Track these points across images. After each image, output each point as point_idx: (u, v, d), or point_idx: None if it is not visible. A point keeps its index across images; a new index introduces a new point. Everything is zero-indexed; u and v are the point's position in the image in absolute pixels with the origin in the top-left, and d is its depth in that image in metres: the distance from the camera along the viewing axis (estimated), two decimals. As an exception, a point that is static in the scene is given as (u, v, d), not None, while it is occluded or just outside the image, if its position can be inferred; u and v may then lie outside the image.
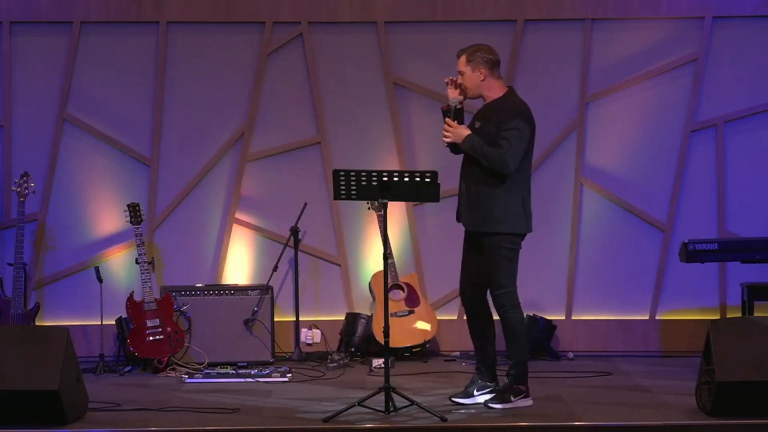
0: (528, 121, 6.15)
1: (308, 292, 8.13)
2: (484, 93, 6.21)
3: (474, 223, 6.19)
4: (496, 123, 6.10)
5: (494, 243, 6.14)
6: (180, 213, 8.11)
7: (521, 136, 6.08)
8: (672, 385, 6.81)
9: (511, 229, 6.15)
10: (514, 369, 6.20)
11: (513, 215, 6.13)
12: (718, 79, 8.04)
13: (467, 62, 6.18)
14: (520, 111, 6.15)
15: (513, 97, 6.22)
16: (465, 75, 6.19)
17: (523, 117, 6.13)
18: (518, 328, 6.19)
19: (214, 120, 8.11)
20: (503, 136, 6.05)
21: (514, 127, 6.06)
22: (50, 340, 5.83)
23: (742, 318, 7.12)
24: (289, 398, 6.54)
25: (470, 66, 6.17)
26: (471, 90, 6.20)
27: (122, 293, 7.72)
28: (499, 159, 6.03)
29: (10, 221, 7.86)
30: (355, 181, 6.00)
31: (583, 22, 8.05)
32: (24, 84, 8.01)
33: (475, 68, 6.17)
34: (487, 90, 6.19)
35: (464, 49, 6.24)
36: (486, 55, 6.18)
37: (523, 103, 6.23)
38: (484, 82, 6.18)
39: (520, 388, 6.20)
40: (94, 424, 5.86)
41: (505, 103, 6.17)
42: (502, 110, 6.13)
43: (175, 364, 7.48)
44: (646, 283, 8.07)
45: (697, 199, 8.07)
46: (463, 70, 6.20)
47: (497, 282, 6.17)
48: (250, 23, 8.09)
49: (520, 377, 6.20)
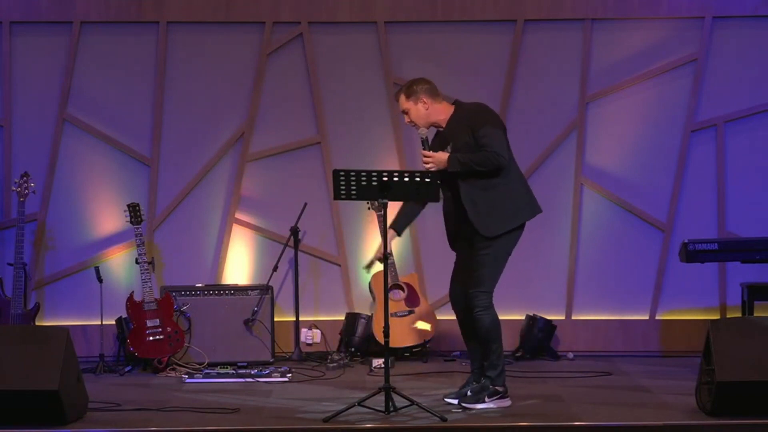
0: (492, 113, 6.23)
1: (308, 292, 8.13)
2: (435, 119, 6.24)
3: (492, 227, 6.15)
4: (468, 128, 6.13)
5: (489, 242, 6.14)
6: (180, 213, 8.11)
7: (497, 129, 6.13)
8: (672, 385, 6.81)
9: (528, 217, 6.22)
10: (491, 371, 6.20)
11: (526, 203, 6.21)
12: (718, 79, 8.04)
13: (407, 99, 6.22)
14: (480, 110, 6.22)
15: (465, 105, 6.28)
16: (410, 112, 6.22)
17: (486, 113, 6.19)
18: (492, 330, 6.18)
19: (214, 120, 8.12)
20: (481, 135, 6.09)
21: (485, 123, 6.11)
22: (50, 340, 5.82)
23: (742, 318, 7.12)
24: (289, 398, 6.54)
25: (411, 101, 6.21)
26: (420, 122, 6.22)
27: (122, 293, 7.72)
28: (491, 157, 6.05)
29: (10, 221, 7.87)
30: (355, 181, 5.99)
31: (583, 22, 8.05)
32: (24, 84, 8.01)
33: (417, 101, 6.20)
34: (436, 116, 6.23)
35: (399, 89, 6.29)
36: (423, 85, 6.23)
37: (478, 103, 6.30)
38: (430, 111, 6.21)
39: (497, 389, 6.20)
40: (94, 424, 5.86)
41: (464, 110, 6.22)
42: (467, 116, 6.17)
43: (175, 364, 7.48)
44: (646, 283, 8.07)
45: (697, 199, 8.07)
46: (406, 107, 6.23)
47: (478, 280, 6.17)
48: (250, 23, 8.09)
49: (496, 379, 6.20)
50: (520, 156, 7.99)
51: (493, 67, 8.08)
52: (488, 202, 6.12)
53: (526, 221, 6.25)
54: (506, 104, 8.08)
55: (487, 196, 6.12)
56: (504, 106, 8.06)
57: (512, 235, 6.20)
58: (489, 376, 6.20)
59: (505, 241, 6.17)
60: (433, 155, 6.13)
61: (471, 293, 6.19)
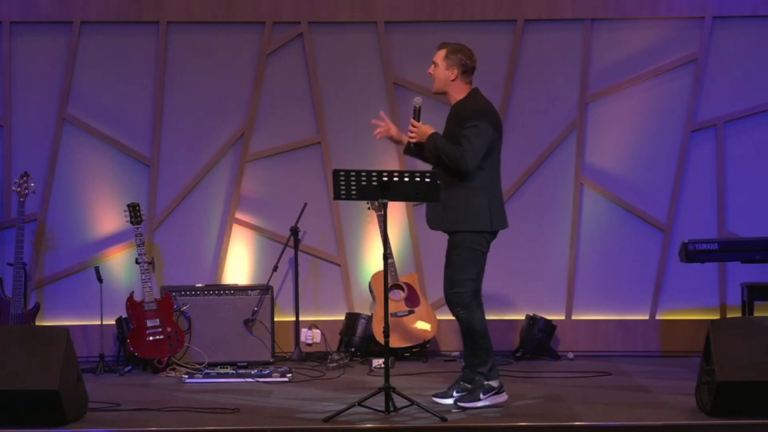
0: (489, 119, 6.16)
1: (308, 292, 8.14)
2: (450, 92, 6.26)
3: (443, 223, 6.20)
4: (458, 122, 6.15)
5: (455, 242, 6.17)
6: (180, 213, 8.11)
7: (480, 133, 6.09)
8: (672, 385, 6.81)
9: (472, 227, 6.14)
10: (482, 367, 6.21)
11: (475, 214, 6.13)
12: (718, 79, 8.04)
13: (445, 58, 6.24)
14: (480, 109, 6.18)
15: (476, 97, 6.26)
16: (438, 68, 6.25)
17: (483, 115, 6.15)
18: (474, 328, 6.19)
19: (214, 120, 8.12)
20: (463, 134, 6.10)
21: (473, 125, 6.09)
22: (50, 340, 5.82)
23: (742, 318, 7.12)
24: (289, 398, 6.54)
25: (446, 62, 6.23)
26: (438, 84, 6.26)
27: (122, 293, 7.72)
28: (458, 156, 6.06)
29: (10, 221, 7.87)
30: (355, 181, 5.99)
31: (583, 22, 8.05)
32: (24, 84, 8.02)
33: (449, 67, 6.22)
34: (453, 90, 6.25)
35: (446, 44, 6.30)
36: (464, 59, 6.23)
37: (487, 101, 6.27)
38: (453, 83, 6.24)
39: (492, 385, 6.20)
40: (94, 424, 5.86)
41: (467, 103, 6.22)
42: (463, 109, 6.18)
43: (175, 364, 7.48)
44: (646, 283, 8.07)
45: (697, 199, 8.07)
46: (438, 62, 6.25)
47: (452, 281, 6.19)
48: (250, 23, 8.09)
49: (489, 374, 6.21)
50: (520, 156, 8.06)
51: (493, 67, 8.08)
52: (447, 197, 6.11)
53: (467, 230, 6.15)
54: (506, 104, 8.08)
55: (448, 192, 6.11)
56: (504, 106, 8.07)
57: (475, 238, 6.15)
58: (481, 373, 6.21)
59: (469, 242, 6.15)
60: (419, 126, 6.17)
61: (445, 294, 6.24)
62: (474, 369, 6.24)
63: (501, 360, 7.77)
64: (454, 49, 6.23)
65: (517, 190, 8.10)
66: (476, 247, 6.16)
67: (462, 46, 6.27)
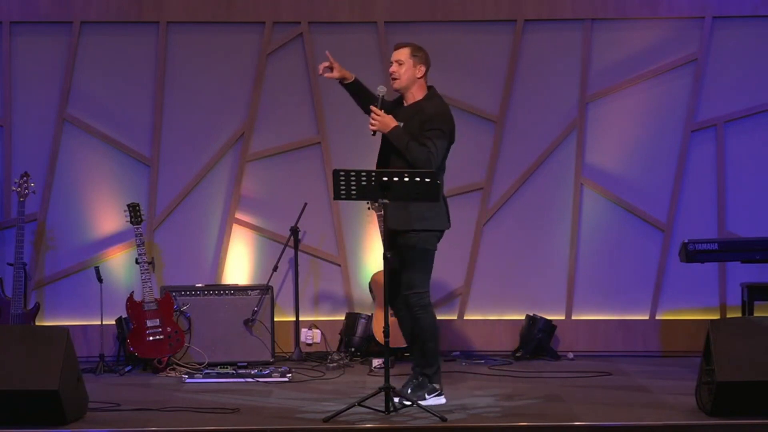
0: (450, 124, 6.26)
1: (308, 292, 8.14)
2: (412, 90, 6.30)
3: (401, 222, 6.20)
4: (420, 122, 6.18)
5: (413, 241, 6.19)
6: (180, 213, 8.11)
7: (444, 136, 6.19)
8: (672, 385, 6.81)
9: (432, 226, 6.20)
10: (428, 368, 6.22)
11: (435, 213, 6.18)
12: (718, 79, 8.04)
13: (411, 56, 6.27)
14: (445, 113, 6.26)
15: (438, 98, 6.32)
16: (404, 66, 6.27)
17: (447, 119, 6.24)
18: (429, 329, 6.23)
19: (214, 120, 8.12)
20: (427, 135, 6.14)
21: (438, 128, 6.16)
22: (50, 340, 5.82)
23: (742, 318, 7.12)
24: (289, 398, 6.54)
25: (413, 60, 6.27)
26: (402, 81, 6.27)
27: (122, 293, 7.72)
28: (425, 156, 6.11)
29: (10, 221, 7.87)
30: (355, 181, 5.99)
31: (583, 22, 8.05)
32: (24, 84, 8.01)
33: (417, 64, 6.27)
34: (417, 88, 6.30)
35: (407, 43, 6.35)
36: (427, 57, 6.31)
37: (446, 104, 6.35)
38: (419, 80, 6.29)
39: (435, 387, 6.24)
40: (94, 424, 5.85)
41: (428, 104, 6.27)
42: (426, 111, 6.21)
43: (175, 364, 7.48)
44: (646, 283, 8.07)
45: (697, 199, 8.07)
46: (404, 60, 6.27)
47: (410, 282, 6.22)
48: (250, 23, 8.09)
49: (434, 376, 6.24)
50: (520, 156, 8.08)
51: (493, 67, 8.08)
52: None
53: (438, 229, 6.23)
54: (506, 104, 8.08)
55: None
56: (504, 106, 8.07)
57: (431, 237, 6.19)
58: (426, 374, 6.24)
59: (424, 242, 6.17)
60: (383, 115, 6.18)
61: (404, 296, 6.25)
62: (422, 370, 6.26)
63: (501, 360, 7.78)
64: (417, 47, 6.31)
65: (517, 191, 8.10)
66: (430, 246, 6.24)
67: (420, 46, 6.34)
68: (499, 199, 8.11)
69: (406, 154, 6.14)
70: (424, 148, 6.12)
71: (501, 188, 8.12)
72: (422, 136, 6.13)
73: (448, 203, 6.36)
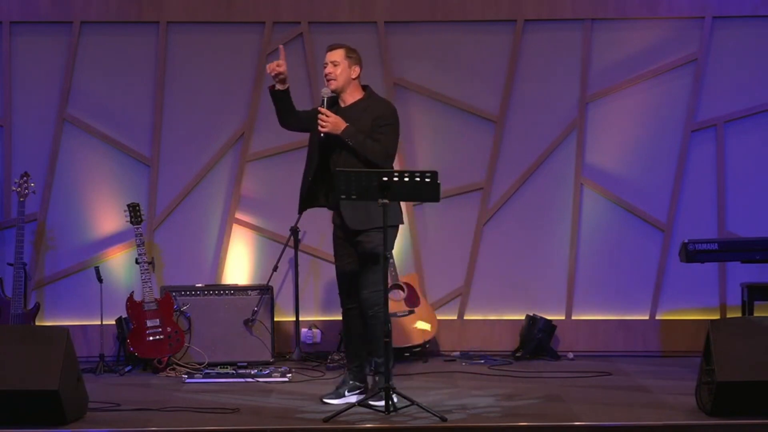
0: (397, 118, 6.33)
1: (308, 292, 8.13)
2: (349, 90, 6.32)
3: (360, 221, 6.21)
4: (372, 120, 6.21)
5: (372, 239, 6.20)
6: (180, 213, 8.11)
7: (396, 132, 6.27)
8: (672, 385, 6.81)
9: (396, 222, 6.23)
10: (384, 367, 6.15)
11: (394, 210, 6.18)
12: (718, 79, 8.04)
13: (347, 56, 6.30)
14: (394, 110, 6.34)
15: (377, 95, 6.39)
16: (339, 66, 6.28)
17: (396, 114, 6.31)
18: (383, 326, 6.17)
19: (214, 120, 8.12)
20: (381, 132, 6.19)
21: (389, 123, 6.24)
22: (50, 340, 5.82)
23: (742, 318, 7.12)
24: (289, 398, 6.54)
25: (348, 61, 6.30)
26: (339, 82, 6.28)
27: (122, 293, 7.72)
28: (382, 152, 6.16)
29: (10, 221, 7.86)
30: (355, 181, 5.99)
31: (583, 22, 8.05)
32: (24, 84, 8.01)
33: (352, 65, 6.31)
34: (352, 88, 6.33)
35: (340, 44, 6.35)
36: (360, 58, 6.35)
37: (390, 102, 6.47)
38: (354, 81, 6.32)
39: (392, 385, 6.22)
40: (94, 424, 5.86)
41: (374, 102, 6.33)
42: (376, 108, 6.27)
43: (175, 364, 7.48)
44: (646, 283, 8.07)
45: (697, 199, 8.07)
46: (339, 61, 6.29)
47: (372, 280, 6.22)
48: (250, 23, 8.09)
49: (389, 375, 6.18)
50: (520, 156, 8.08)
51: (493, 67, 8.08)
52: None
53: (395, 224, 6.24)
54: (506, 104, 8.08)
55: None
56: (504, 106, 8.07)
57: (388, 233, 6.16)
58: (382, 372, 6.16)
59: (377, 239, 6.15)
60: (332, 116, 6.18)
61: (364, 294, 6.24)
62: (378, 368, 6.24)
63: (501, 360, 7.78)
64: (350, 48, 6.34)
65: (517, 190, 8.10)
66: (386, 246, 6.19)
67: (353, 47, 6.36)
68: (499, 199, 8.11)
69: (364, 152, 6.15)
70: (380, 144, 6.17)
71: (501, 188, 8.11)
72: (376, 132, 6.19)
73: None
